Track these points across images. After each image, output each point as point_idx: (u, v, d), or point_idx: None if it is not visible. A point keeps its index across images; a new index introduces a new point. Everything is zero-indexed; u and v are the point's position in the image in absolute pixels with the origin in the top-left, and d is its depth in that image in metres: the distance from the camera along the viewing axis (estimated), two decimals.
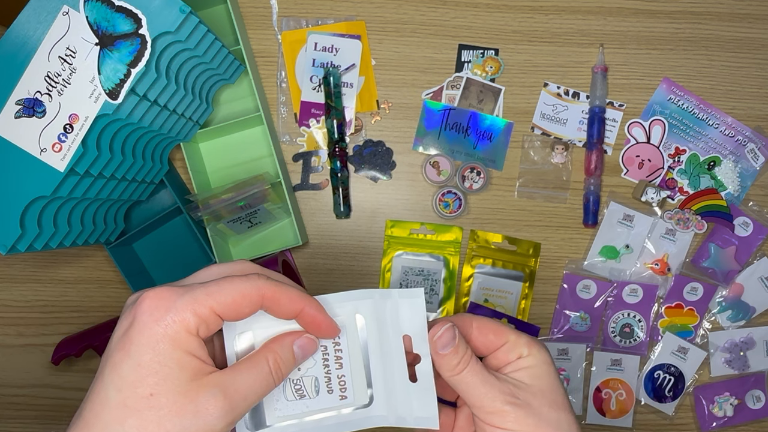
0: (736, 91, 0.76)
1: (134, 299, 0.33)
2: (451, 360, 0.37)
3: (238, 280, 0.33)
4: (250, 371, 0.33)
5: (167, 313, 0.31)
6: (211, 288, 0.32)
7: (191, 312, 0.31)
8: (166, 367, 0.30)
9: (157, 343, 0.30)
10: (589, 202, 0.75)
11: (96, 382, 0.31)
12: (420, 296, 0.37)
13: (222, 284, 0.32)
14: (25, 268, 0.75)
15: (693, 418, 0.77)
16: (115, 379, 0.30)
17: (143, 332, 0.31)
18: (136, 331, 0.31)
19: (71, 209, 0.60)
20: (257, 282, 0.33)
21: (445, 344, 0.37)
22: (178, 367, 0.31)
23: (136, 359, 0.30)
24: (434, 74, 0.76)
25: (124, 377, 0.30)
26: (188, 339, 0.31)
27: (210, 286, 0.32)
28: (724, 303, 0.76)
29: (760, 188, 0.77)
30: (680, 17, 0.76)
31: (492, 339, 0.39)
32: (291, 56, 0.75)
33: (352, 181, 0.76)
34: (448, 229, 0.75)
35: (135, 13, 0.53)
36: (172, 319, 0.31)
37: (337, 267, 0.75)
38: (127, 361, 0.30)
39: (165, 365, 0.30)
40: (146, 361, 0.30)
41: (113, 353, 0.31)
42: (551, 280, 0.76)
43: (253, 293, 0.33)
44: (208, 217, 0.68)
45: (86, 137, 0.54)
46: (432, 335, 0.37)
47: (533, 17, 0.76)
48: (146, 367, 0.30)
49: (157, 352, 0.30)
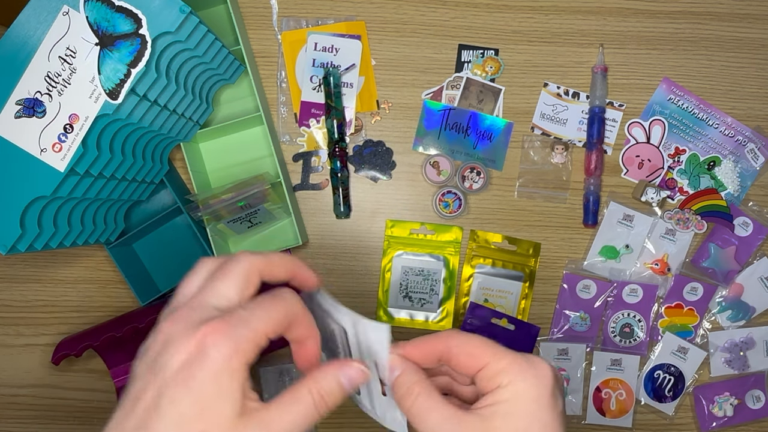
0: (736, 91, 0.76)
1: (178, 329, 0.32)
2: (397, 391, 0.35)
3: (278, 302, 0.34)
4: (292, 405, 0.33)
5: (230, 347, 0.31)
6: (261, 315, 0.32)
7: (252, 343, 0.31)
8: (221, 401, 0.30)
9: (218, 376, 0.30)
10: (589, 202, 0.75)
11: (150, 414, 0.30)
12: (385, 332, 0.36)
13: (268, 309, 0.33)
14: (25, 268, 0.75)
15: (693, 418, 0.77)
16: (174, 415, 0.30)
17: (208, 367, 0.30)
18: (199, 365, 0.30)
19: (71, 209, 0.60)
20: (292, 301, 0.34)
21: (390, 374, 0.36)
22: (231, 401, 0.31)
23: (196, 394, 0.30)
24: (434, 74, 0.76)
25: (183, 413, 0.30)
26: (244, 371, 0.31)
27: (260, 313, 0.33)
28: (724, 303, 0.76)
29: (760, 188, 0.77)
30: (680, 17, 0.76)
31: (467, 361, 0.35)
32: (291, 56, 0.75)
33: (352, 181, 0.76)
34: (448, 229, 0.75)
35: (135, 13, 0.53)
36: (235, 351, 0.31)
37: (337, 267, 0.75)
38: (187, 398, 0.30)
39: (221, 398, 0.30)
40: (205, 396, 0.30)
41: (172, 388, 0.30)
42: (551, 280, 0.76)
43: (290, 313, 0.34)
44: (208, 217, 0.68)
45: (86, 137, 0.54)
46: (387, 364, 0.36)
47: (533, 17, 0.76)
48: (204, 402, 0.30)
49: (218, 386, 0.30)
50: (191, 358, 0.31)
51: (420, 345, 0.37)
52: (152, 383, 0.31)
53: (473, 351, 0.35)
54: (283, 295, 0.34)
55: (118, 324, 0.68)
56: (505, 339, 0.73)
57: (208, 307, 0.33)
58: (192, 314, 0.33)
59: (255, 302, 0.33)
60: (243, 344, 0.31)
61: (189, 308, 0.33)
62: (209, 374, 0.30)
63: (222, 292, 0.34)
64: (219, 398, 0.30)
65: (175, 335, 0.32)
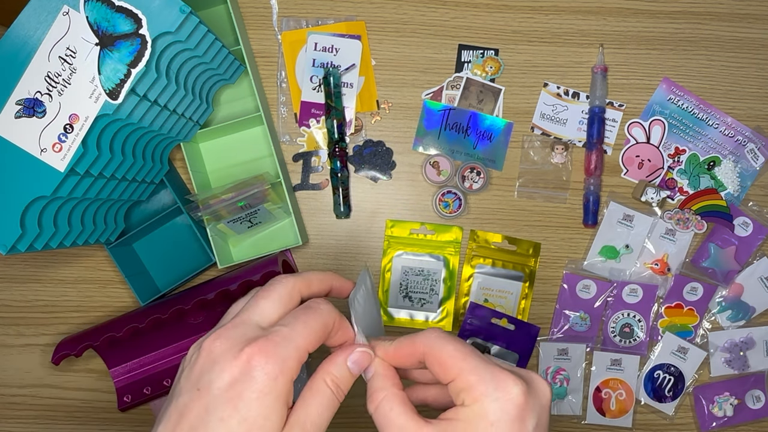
0: (736, 91, 0.76)
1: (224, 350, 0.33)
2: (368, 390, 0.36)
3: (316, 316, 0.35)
4: (315, 399, 0.34)
5: (276, 366, 0.32)
6: (302, 331, 0.34)
7: (296, 359, 0.33)
8: (269, 420, 0.32)
9: (266, 396, 0.32)
10: (589, 202, 0.75)
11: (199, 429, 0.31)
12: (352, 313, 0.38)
13: (308, 324, 0.34)
14: (25, 268, 0.75)
15: (693, 418, 0.77)
16: None
17: (254, 387, 0.32)
18: (246, 387, 0.32)
19: (71, 209, 0.60)
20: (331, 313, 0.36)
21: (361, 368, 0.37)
22: (278, 418, 0.32)
23: (243, 413, 0.31)
24: (434, 74, 0.76)
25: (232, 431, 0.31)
26: (289, 389, 0.33)
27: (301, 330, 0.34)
28: (723, 303, 0.76)
29: (760, 188, 0.77)
30: (680, 17, 0.76)
31: (438, 371, 0.35)
32: (291, 56, 0.75)
33: (352, 181, 0.76)
34: (448, 229, 0.75)
35: (135, 14, 0.53)
36: (281, 370, 0.32)
37: (337, 267, 0.75)
38: (235, 416, 0.31)
39: (268, 418, 0.32)
40: (253, 415, 0.31)
41: (220, 407, 0.31)
42: (551, 280, 0.76)
43: (329, 324, 0.36)
44: (208, 217, 0.68)
45: (86, 137, 0.54)
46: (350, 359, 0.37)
47: (533, 17, 0.76)
48: (252, 421, 0.31)
49: (265, 406, 0.32)
50: (238, 377, 0.32)
51: (399, 348, 0.37)
52: (198, 400, 0.32)
53: (444, 362, 0.35)
54: (320, 308, 0.36)
55: (118, 324, 0.68)
56: (505, 339, 0.73)
57: (251, 324, 0.34)
58: (235, 332, 0.34)
59: (295, 318, 0.35)
60: (288, 363, 0.32)
61: (233, 325, 0.34)
62: (256, 395, 0.31)
63: (264, 310, 0.35)
64: (266, 419, 0.31)
65: (220, 354, 0.33)
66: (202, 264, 0.73)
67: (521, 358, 0.73)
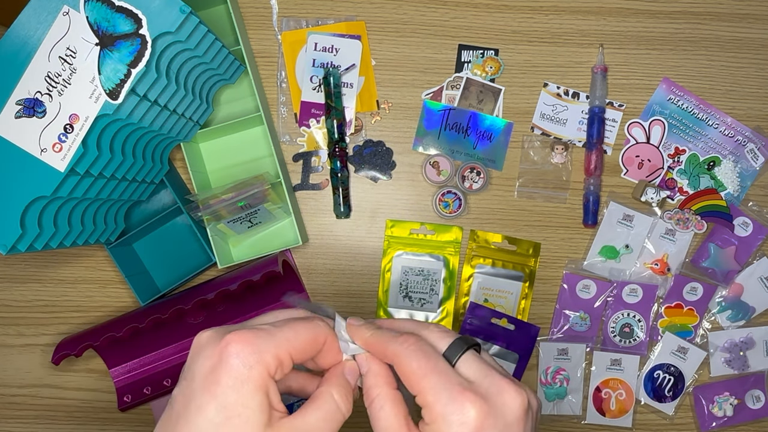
0: (736, 91, 0.76)
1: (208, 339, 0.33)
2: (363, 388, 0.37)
3: (308, 325, 0.35)
4: (318, 410, 0.34)
5: (252, 356, 0.32)
6: (289, 333, 0.34)
7: (273, 356, 0.33)
8: (248, 409, 0.31)
9: (243, 384, 0.31)
10: (588, 202, 0.75)
11: (180, 420, 0.32)
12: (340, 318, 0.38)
13: (297, 329, 0.34)
14: (25, 268, 0.75)
15: (693, 418, 0.77)
16: (201, 421, 0.31)
17: (230, 374, 0.31)
18: (222, 372, 0.31)
19: (71, 209, 0.60)
20: (323, 328, 0.36)
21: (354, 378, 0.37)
22: (258, 409, 0.32)
23: (221, 401, 0.31)
24: (434, 74, 0.76)
25: (211, 419, 0.31)
26: (269, 382, 0.32)
27: (286, 331, 0.34)
28: (723, 303, 0.76)
29: (760, 188, 0.77)
30: (680, 17, 0.76)
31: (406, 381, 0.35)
32: (291, 56, 0.75)
33: (352, 181, 0.76)
34: (448, 229, 0.75)
35: (135, 14, 0.53)
36: (257, 361, 0.32)
37: (337, 267, 0.75)
38: (213, 404, 0.31)
39: (248, 407, 0.31)
40: (231, 402, 0.31)
41: (198, 394, 0.32)
42: (551, 280, 0.76)
43: (320, 338, 0.36)
44: (209, 217, 0.68)
45: (86, 137, 0.54)
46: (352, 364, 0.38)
47: (533, 17, 0.76)
48: (231, 409, 0.31)
49: (242, 394, 0.31)
50: (216, 364, 0.32)
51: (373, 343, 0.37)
52: (184, 389, 0.32)
53: (408, 377, 0.34)
54: (314, 321, 0.36)
55: (118, 324, 0.68)
56: (505, 339, 0.73)
57: (245, 325, 0.35)
58: (225, 327, 0.34)
59: (285, 322, 0.35)
60: (265, 356, 0.32)
61: (227, 325, 0.35)
62: (231, 381, 0.31)
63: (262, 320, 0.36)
64: (245, 407, 0.31)
65: (205, 343, 0.33)
66: (202, 264, 0.73)
67: (521, 358, 0.73)
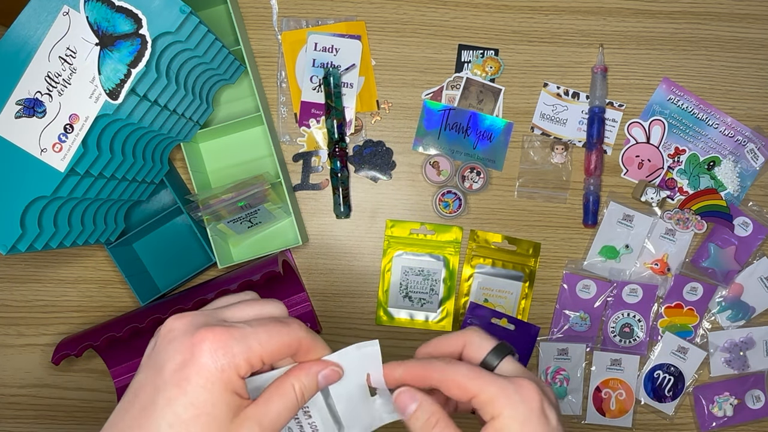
0: (736, 91, 0.76)
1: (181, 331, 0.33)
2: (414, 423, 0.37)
3: (283, 329, 0.35)
4: (280, 399, 0.35)
5: (225, 358, 0.32)
6: (262, 337, 0.34)
7: (245, 360, 0.33)
8: (216, 408, 0.32)
9: (213, 385, 0.32)
10: (588, 202, 0.75)
11: (147, 410, 0.32)
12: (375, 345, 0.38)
13: (271, 333, 0.34)
14: (25, 268, 0.75)
15: (693, 418, 0.77)
16: (168, 415, 0.31)
17: (201, 373, 0.32)
18: (194, 371, 0.32)
19: (71, 209, 0.60)
20: (298, 333, 0.36)
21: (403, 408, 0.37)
22: (226, 407, 0.32)
23: (191, 398, 0.31)
24: (434, 74, 0.76)
25: (179, 414, 0.31)
26: (237, 381, 0.33)
27: (260, 334, 0.34)
28: (723, 303, 0.76)
29: (760, 188, 0.77)
30: (680, 17, 0.76)
31: (456, 393, 0.36)
32: (291, 56, 0.75)
33: (352, 181, 0.76)
34: (448, 229, 0.75)
35: (135, 14, 0.53)
36: (228, 365, 0.32)
37: (337, 267, 0.75)
38: (182, 399, 0.31)
39: (216, 406, 0.32)
40: (201, 401, 0.32)
41: (168, 388, 0.32)
42: (551, 280, 0.76)
43: (294, 343, 0.35)
44: (208, 217, 0.68)
45: (86, 137, 0.54)
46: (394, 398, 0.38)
47: (533, 17, 0.76)
48: (199, 407, 0.31)
49: (212, 394, 0.32)
50: (188, 360, 0.32)
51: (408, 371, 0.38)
52: (151, 378, 0.33)
53: (460, 384, 0.36)
54: (290, 326, 0.36)
55: (118, 324, 0.68)
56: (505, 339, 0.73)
57: (218, 318, 0.35)
58: (198, 317, 0.34)
59: (262, 323, 0.35)
60: (237, 359, 0.33)
61: (200, 312, 0.35)
62: (204, 381, 0.32)
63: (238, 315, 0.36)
64: (213, 406, 0.32)
65: (177, 334, 0.33)
66: (202, 264, 0.73)
67: (521, 358, 0.73)
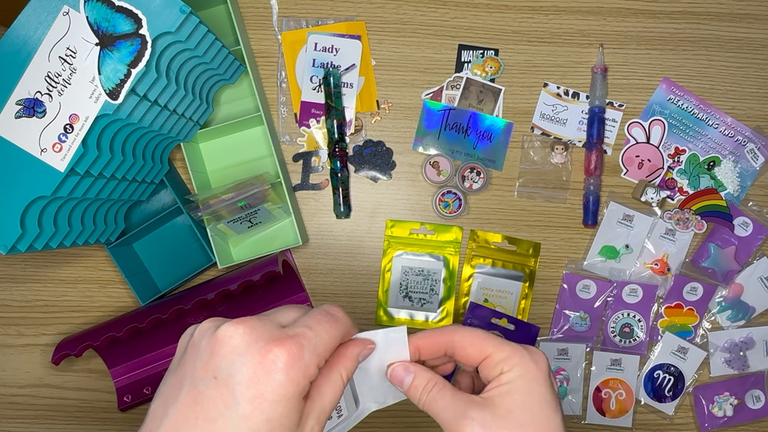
0: (736, 91, 0.76)
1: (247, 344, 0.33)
2: (413, 394, 0.40)
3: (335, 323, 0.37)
4: (332, 389, 0.37)
5: (300, 372, 0.33)
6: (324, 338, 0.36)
7: (316, 365, 0.35)
8: (290, 418, 0.33)
9: (288, 400, 0.33)
10: (588, 202, 0.75)
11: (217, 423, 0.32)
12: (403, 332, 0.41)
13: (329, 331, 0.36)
14: (25, 268, 0.75)
15: (693, 418, 0.77)
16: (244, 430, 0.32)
17: (277, 390, 0.32)
18: (269, 388, 0.32)
19: (71, 209, 0.60)
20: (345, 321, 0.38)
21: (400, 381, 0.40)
22: (297, 414, 0.34)
23: (267, 414, 0.32)
24: (434, 74, 0.76)
25: (255, 430, 0.32)
26: (307, 386, 0.34)
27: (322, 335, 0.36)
28: (723, 303, 0.76)
29: (760, 188, 0.77)
30: (680, 17, 0.76)
31: (471, 353, 0.39)
32: (291, 56, 0.75)
33: (352, 181, 0.76)
34: (448, 229, 0.75)
35: (135, 14, 0.53)
36: (303, 376, 0.34)
37: (337, 267, 0.75)
38: (258, 416, 0.32)
39: (289, 417, 0.33)
40: (276, 415, 0.32)
41: (242, 404, 0.32)
42: (551, 280, 0.76)
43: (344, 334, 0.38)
44: (209, 217, 0.68)
45: (86, 137, 0.54)
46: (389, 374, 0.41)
47: (533, 17, 0.76)
48: (275, 421, 0.33)
49: (286, 407, 0.33)
50: (261, 377, 0.32)
51: (427, 338, 0.41)
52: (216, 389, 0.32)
53: (477, 343, 0.39)
54: (342, 319, 0.38)
55: (118, 324, 0.68)
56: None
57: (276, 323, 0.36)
58: (261, 327, 0.34)
59: (318, 323, 0.36)
60: (310, 369, 0.34)
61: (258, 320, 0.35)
62: (278, 397, 0.32)
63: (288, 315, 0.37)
64: (288, 418, 0.33)
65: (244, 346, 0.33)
66: (202, 264, 0.73)
67: None
